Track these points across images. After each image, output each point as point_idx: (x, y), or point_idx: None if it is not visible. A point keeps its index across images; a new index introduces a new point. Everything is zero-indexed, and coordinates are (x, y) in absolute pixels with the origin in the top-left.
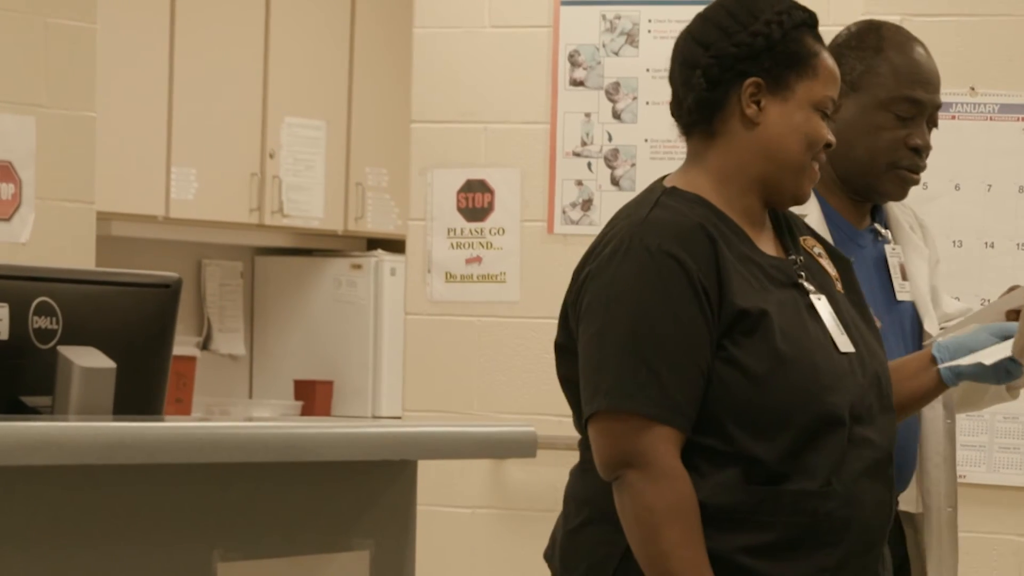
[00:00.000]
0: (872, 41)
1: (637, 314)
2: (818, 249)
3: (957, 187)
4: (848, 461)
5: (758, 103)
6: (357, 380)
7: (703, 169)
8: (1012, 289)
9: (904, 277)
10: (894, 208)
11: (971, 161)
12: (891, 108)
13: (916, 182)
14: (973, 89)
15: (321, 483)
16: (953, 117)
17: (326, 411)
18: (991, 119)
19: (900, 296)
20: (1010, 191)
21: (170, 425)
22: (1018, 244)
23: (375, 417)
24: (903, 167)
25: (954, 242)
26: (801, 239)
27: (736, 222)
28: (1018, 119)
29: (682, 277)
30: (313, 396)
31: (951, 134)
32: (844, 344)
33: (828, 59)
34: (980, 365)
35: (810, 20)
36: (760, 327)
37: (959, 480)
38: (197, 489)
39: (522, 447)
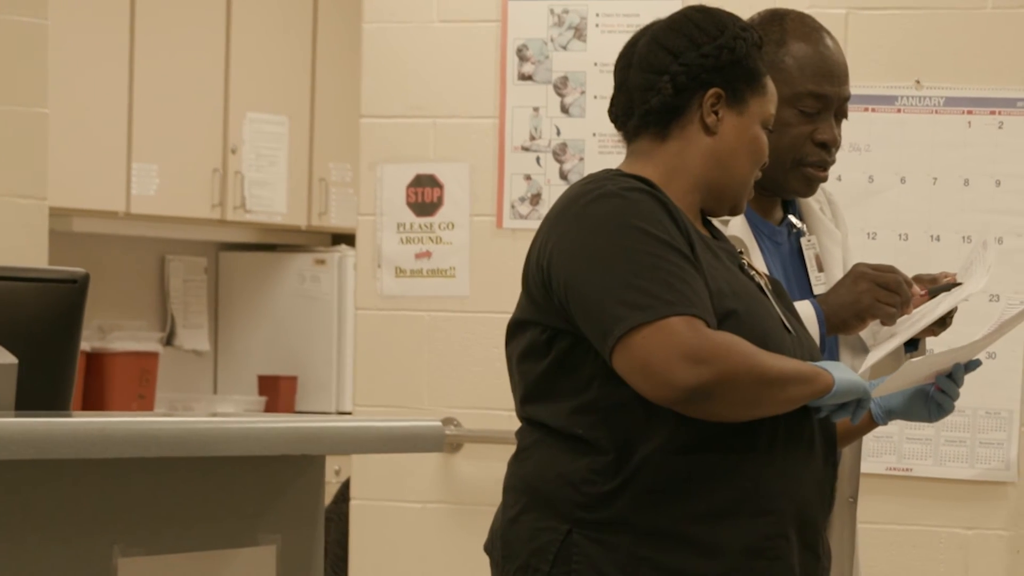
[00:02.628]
0: (775, 34)
1: (629, 234)
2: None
3: (903, 180)
4: (785, 433)
5: (717, 113)
6: (321, 375)
7: (650, 164)
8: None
9: (820, 268)
10: None
11: (916, 154)
12: (795, 104)
13: (824, 178)
14: (919, 82)
15: (225, 478)
16: (899, 110)
17: (290, 407)
18: (936, 112)
19: (816, 289)
20: (955, 184)
21: (68, 421)
22: (963, 237)
23: (339, 412)
24: (809, 164)
25: (900, 235)
26: None
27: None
28: (963, 112)
29: (657, 204)
30: (277, 391)
31: (896, 127)
32: (788, 325)
33: (771, 81)
34: (909, 402)
35: (760, 43)
36: (716, 282)
37: (905, 473)
38: (97, 484)
39: (428, 442)
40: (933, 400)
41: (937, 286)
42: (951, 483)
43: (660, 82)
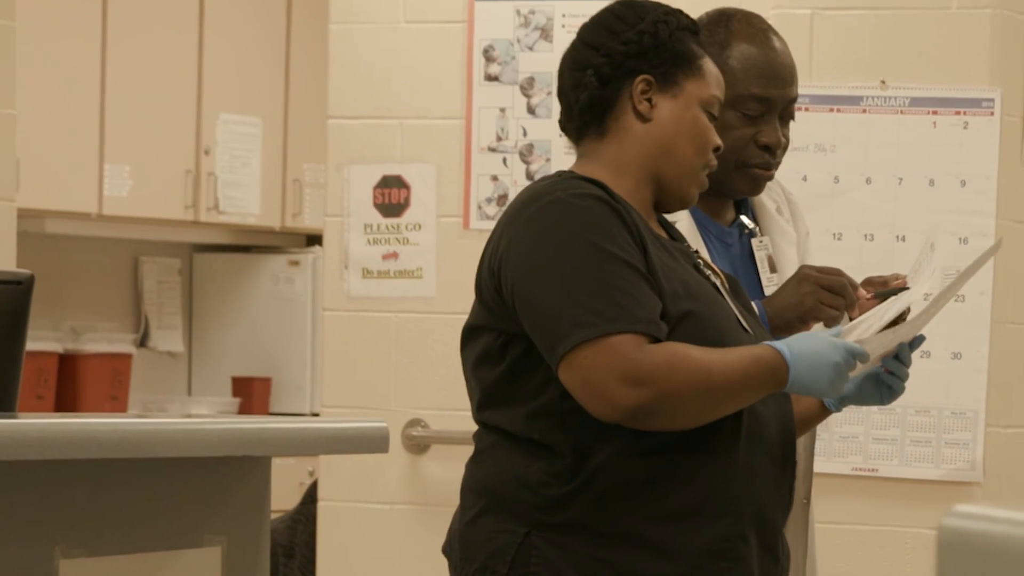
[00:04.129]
0: (720, 35)
1: (575, 247)
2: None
3: (868, 181)
4: (744, 435)
5: (650, 100)
6: (295, 376)
7: (598, 163)
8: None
9: (773, 269)
10: None
11: (882, 155)
12: (737, 107)
13: (769, 178)
14: (884, 83)
15: (169, 479)
16: (864, 111)
17: (264, 408)
18: (902, 112)
19: (768, 290)
20: (921, 184)
21: (8, 423)
22: None
23: (313, 414)
24: (753, 165)
25: (865, 236)
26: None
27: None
28: (928, 112)
29: (608, 210)
30: (251, 393)
31: (862, 128)
32: (745, 323)
33: (712, 64)
34: (860, 387)
35: (693, 27)
36: (671, 283)
37: (871, 473)
38: (38, 485)
39: (373, 443)
40: (884, 383)
41: (885, 290)
42: (917, 483)
43: (585, 77)
